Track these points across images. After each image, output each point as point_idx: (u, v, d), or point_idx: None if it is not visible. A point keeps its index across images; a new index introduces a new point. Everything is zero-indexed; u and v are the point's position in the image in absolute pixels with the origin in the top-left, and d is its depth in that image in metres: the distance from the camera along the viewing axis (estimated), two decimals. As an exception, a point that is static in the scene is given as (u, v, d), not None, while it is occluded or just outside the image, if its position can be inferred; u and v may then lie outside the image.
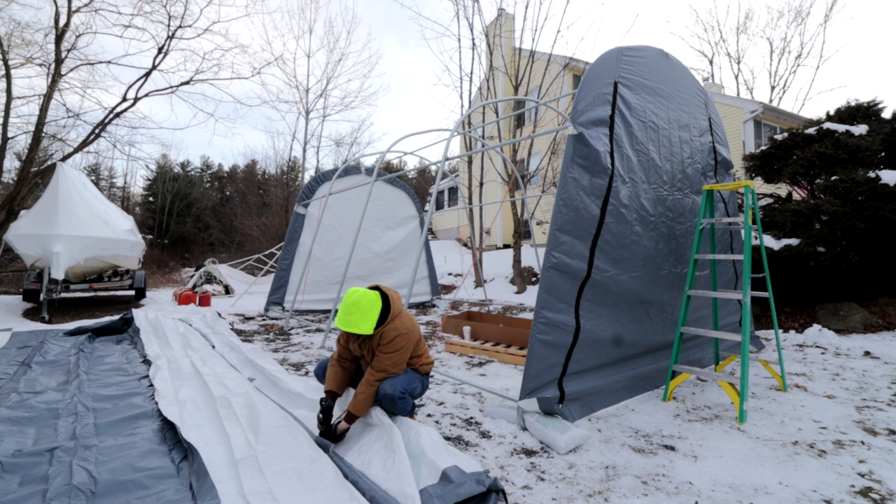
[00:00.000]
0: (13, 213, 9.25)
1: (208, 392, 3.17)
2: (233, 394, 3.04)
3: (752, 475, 2.23)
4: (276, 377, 3.47)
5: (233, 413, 2.70)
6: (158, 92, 11.38)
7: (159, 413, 2.88)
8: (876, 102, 7.31)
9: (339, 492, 1.88)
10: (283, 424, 2.49)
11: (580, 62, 12.49)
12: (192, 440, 2.36)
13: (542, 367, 2.89)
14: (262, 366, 3.84)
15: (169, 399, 3.07)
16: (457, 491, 1.81)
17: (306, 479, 2.00)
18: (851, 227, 5.51)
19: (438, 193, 25.52)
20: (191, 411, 2.84)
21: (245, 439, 2.36)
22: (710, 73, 26.18)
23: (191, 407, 2.91)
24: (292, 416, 2.70)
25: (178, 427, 2.54)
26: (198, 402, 3.01)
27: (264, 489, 1.92)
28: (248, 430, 2.46)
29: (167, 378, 3.57)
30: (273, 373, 3.60)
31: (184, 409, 2.87)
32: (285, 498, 1.86)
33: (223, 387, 3.29)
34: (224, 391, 3.16)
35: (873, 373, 4.01)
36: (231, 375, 3.66)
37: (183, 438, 2.40)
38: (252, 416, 2.62)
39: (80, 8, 9.82)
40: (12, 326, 6.22)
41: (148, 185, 35.83)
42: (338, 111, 33.85)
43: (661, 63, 4.04)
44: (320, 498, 1.85)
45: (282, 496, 1.86)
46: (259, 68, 17.33)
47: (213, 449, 2.32)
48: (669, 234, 3.85)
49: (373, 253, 8.92)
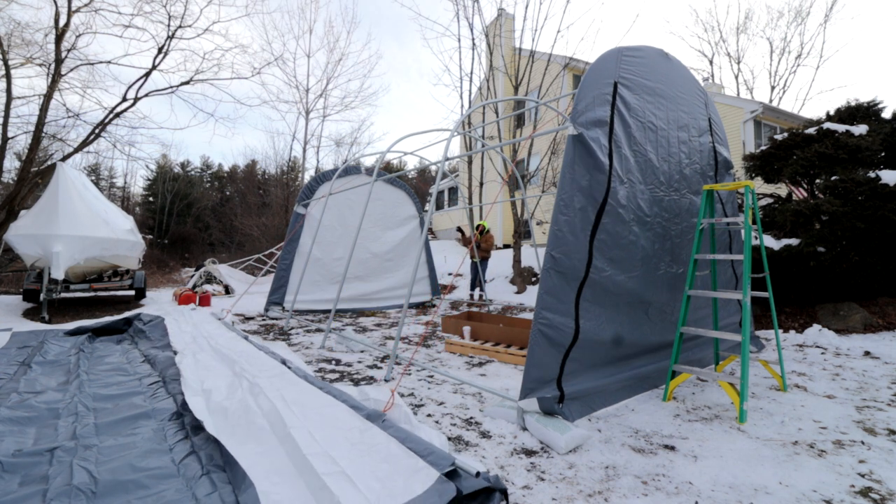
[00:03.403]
0: (13, 213, 9.24)
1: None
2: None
3: (752, 475, 2.23)
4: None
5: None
6: (158, 92, 11.38)
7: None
8: (876, 102, 7.31)
9: (391, 449, 2.06)
10: (329, 403, 2.67)
11: (580, 62, 12.49)
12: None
13: (542, 367, 2.89)
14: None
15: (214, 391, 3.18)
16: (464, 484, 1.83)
17: (359, 444, 2.17)
18: (851, 227, 5.51)
19: (438, 193, 25.53)
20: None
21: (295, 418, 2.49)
22: (710, 73, 26.24)
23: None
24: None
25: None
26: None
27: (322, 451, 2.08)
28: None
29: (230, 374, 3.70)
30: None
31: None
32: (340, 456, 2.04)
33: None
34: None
35: (873, 373, 4.01)
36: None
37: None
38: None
39: (80, 8, 9.82)
40: (12, 326, 6.22)
41: (148, 185, 35.84)
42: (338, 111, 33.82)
43: (661, 63, 4.04)
44: (375, 456, 2.04)
45: (338, 456, 2.03)
46: (259, 68, 17.30)
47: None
48: (665, 234, 3.85)
49: (372, 253, 8.91)
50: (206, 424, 2.52)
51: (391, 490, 1.78)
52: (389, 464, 1.96)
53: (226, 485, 2.03)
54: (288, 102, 30.16)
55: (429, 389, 3.63)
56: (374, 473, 1.91)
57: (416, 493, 1.73)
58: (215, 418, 2.68)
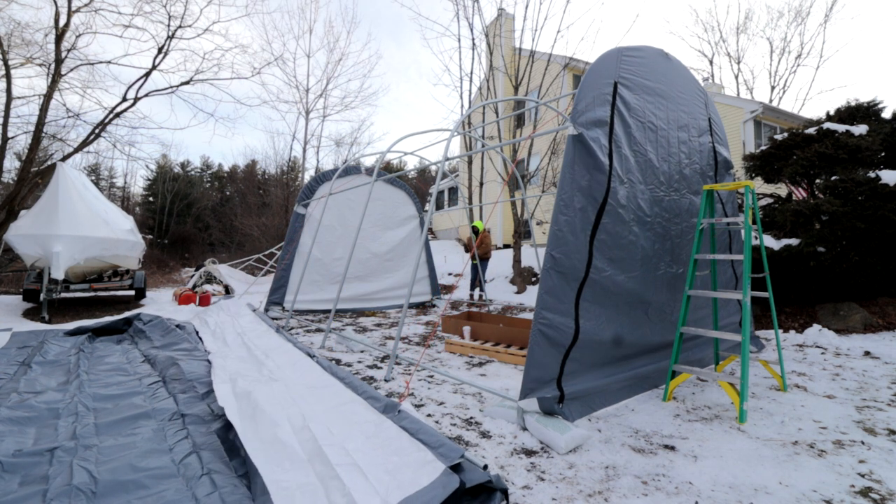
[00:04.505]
0: (13, 213, 9.24)
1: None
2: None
3: (752, 475, 2.23)
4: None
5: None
6: (158, 92, 11.38)
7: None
8: (876, 102, 7.31)
9: (402, 442, 2.15)
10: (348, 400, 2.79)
11: (580, 62, 12.49)
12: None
13: (542, 367, 2.89)
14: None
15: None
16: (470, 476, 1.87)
17: (373, 437, 2.26)
18: (851, 227, 5.51)
19: (438, 193, 25.53)
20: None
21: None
22: (710, 73, 26.24)
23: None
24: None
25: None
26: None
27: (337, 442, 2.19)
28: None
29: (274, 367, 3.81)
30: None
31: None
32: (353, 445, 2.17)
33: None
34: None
35: (873, 373, 4.01)
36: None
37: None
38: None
39: (80, 8, 9.81)
40: (12, 326, 6.22)
41: (148, 185, 35.84)
42: (338, 111, 33.87)
43: (661, 63, 4.04)
44: (387, 449, 2.14)
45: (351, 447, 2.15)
46: (259, 68, 17.30)
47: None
48: (665, 234, 3.85)
49: (372, 253, 8.91)
50: (229, 411, 2.67)
51: (399, 482, 1.85)
52: (399, 456, 2.05)
53: (229, 482, 2.03)
54: (288, 102, 30.20)
55: (429, 389, 3.63)
56: (385, 466, 2.00)
57: (422, 486, 1.80)
58: (240, 403, 2.85)
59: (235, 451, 2.37)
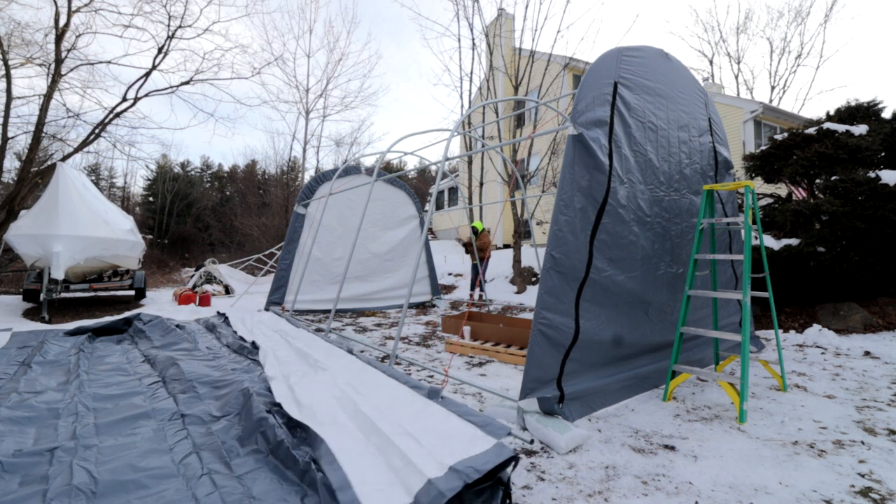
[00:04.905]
0: (13, 213, 9.24)
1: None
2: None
3: (752, 475, 2.23)
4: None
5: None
6: (158, 92, 11.37)
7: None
8: (876, 102, 7.31)
9: (451, 419, 2.24)
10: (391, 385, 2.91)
11: (580, 62, 12.49)
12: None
13: (542, 367, 2.89)
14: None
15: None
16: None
17: (422, 415, 2.36)
18: (851, 227, 5.51)
19: (438, 193, 25.53)
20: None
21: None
22: (710, 73, 26.25)
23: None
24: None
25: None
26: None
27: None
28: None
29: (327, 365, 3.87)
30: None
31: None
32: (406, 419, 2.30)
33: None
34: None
35: (873, 373, 4.01)
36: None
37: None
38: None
39: (80, 8, 9.81)
40: (12, 326, 6.22)
41: (148, 185, 35.85)
42: (338, 111, 33.79)
43: (661, 63, 4.04)
44: (438, 425, 2.22)
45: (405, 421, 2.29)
46: (259, 68, 17.28)
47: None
48: (665, 234, 3.85)
49: (372, 253, 8.91)
50: (285, 403, 2.79)
51: (452, 450, 1.93)
52: (450, 430, 2.15)
53: (229, 482, 2.04)
54: (288, 102, 30.15)
55: (429, 389, 3.63)
56: (437, 436, 2.09)
57: (475, 453, 1.87)
58: (293, 389, 3.03)
59: (234, 453, 2.37)
